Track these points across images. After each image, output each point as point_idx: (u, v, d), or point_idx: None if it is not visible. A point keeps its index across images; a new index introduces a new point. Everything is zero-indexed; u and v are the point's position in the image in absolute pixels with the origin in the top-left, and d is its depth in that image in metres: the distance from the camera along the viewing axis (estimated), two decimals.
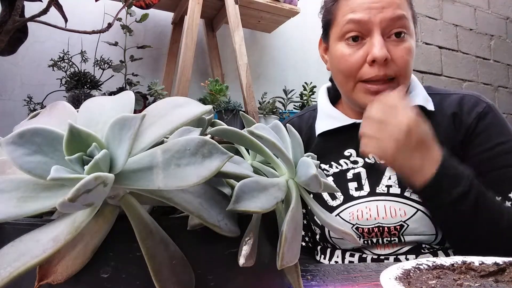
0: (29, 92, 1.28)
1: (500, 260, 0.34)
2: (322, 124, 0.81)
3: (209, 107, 0.29)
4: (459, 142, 0.71)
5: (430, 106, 0.73)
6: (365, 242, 0.71)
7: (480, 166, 0.68)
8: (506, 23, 2.78)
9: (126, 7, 1.17)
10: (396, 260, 0.70)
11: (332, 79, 0.83)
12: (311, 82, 1.66)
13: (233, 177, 0.29)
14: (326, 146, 0.80)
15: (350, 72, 0.71)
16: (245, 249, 0.24)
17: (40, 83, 1.35)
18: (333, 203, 0.75)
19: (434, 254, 0.69)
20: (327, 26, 0.78)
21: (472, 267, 0.33)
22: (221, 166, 0.23)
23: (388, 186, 0.72)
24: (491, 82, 2.63)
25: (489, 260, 0.34)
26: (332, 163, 0.78)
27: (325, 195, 0.76)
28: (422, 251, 0.70)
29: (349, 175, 0.75)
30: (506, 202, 0.65)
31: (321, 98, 0.87)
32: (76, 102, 1.16)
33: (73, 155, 0.22)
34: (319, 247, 0.81)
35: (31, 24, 0.99)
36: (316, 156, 0.33)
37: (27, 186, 0.23)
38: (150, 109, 0.28)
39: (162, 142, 0.26)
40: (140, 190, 0.23)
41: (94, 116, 0.27)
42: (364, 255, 0.72)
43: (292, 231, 0.26)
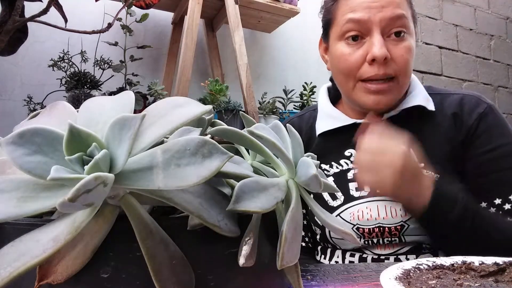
0: (29, 92, 1.28)
1: (500, 260, 0.34)
2: (323, 124, 0.81)
3: (209, 107, 0.29)
4: (459, 142, 0.71)
5: (430, 106, 0.73)
6: (366, 242, 0.71)
7: (481, 167, 0.69)
8: (506, 23, 2.78)
9: (126, 7, 1.17)
10: (397, 260, 0.70)
11: (332, 79, 0.83)
12: (311, 82, 1.65)
13: (233, 177, 0.29)
14: (326, 146, 0.80)
15: (350, 71, 0.71)
16: (245, 249, 0.24)
17: (40, 83, 1.35)
18: (334, 203, 0.74)
19: (434, 254, 0.69)
20: (327, 25, 0.78)
21: (472, 267, 0.33)
22: (221, 166, 0.23)
23: None
24: (491, 82, 2.63)
25: (489, 260, 0.34)
26: (333, 163, 0.78)
27: (326, 195, 0.76)
28: (422, 251, 0.70)
29: (350, 175, 0.75)
30: (506, 204, 0.66)
31: (321, 98, 0.87)
32: (76, 102, 1.16)
33: (73, 155, 0.22)
34: (319, 247, 0.81)
35: (31, 24, 0.99)
36: (316, 156, 0.33)
37: (27, 186, 0.23)
38: (150, 109, 0.28)
39: (162, 142, 0.26)
40: (140, 190, 0.23)
41: (94, 116, 0.27)
42: (364, 255, 0.72)
43: (292, 231, 0.26)
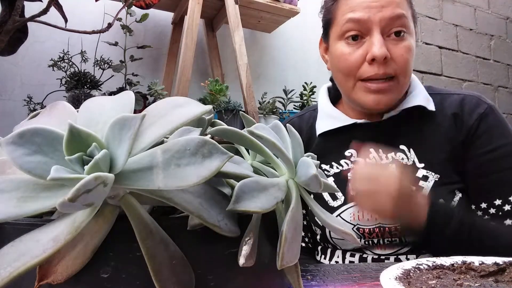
0: (29, 92, 1.28)
1: (500, 260, 0.34)
2: (323, 124, 0.81)
3: (209, 107, 0.29)
4: (460, 142, 0.71)
5: (431, 106, 0.73)
6: (366, 242, 0.71)
7: (481, 168, 0.69)
8: (506, 23, 2.78)
9: (126, 7, 1.17)
10: (397, 260, 0.70)
11: (332, 79, 0.83)
12: (311, 82, 1.65)
13: (233, 177, 0.29)
14: (326, 146, 0.80)
15: (350, 71, 0.71)
16: (245, 249, 0.24)
17: (40, 83, 1.35)
18: (334, 203, 0.74)
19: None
20: (327, 25, 0.78)
21: (472, 267, 0.33)
22: (221, 166, 0.23)
23: None
24: (491, 82, 2.63)
25: (489, 260, 0.34)
26: (333, 163, 0.78)
27: (326, 196, 0.76)
28: (422, 251, 0.70)
29: (350, 175, 0.75)
30: (506, 205, 0.66)
31: (321, 98, 0.86)
32: (76, 102, 1.16)
33: (73, 155, 0.22)
34: (319, 247, 0.81)
35: (31, 24, 0.99)
36: (316, 156, 0.33)
37: (27, 186, 0.23)
38: (150, 109, 0.28)
39: (162, 142, 0.26)
40: (140, 190, 0.23)
41: (94, 116, 0.27)
42: (364, 255, 0.72)
43: (292, 231, 0.26)
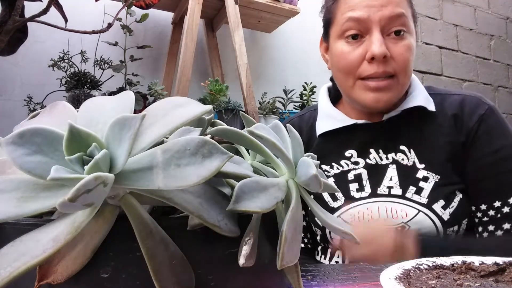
0: (29, 92, 1.28)
1: (500, 260, 0.33)
2: (323, 125, 0.81)
3: (209, 107, 0.29)
4: (460, 143, 0.71)
5: (431, 107, 0.73)
6: None
7: (481, 169, 0.69)
8: (506, 23, 2.78)
9: (126, 7, 1.17)
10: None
11: (332, 78, 0.83)
12: (311, 82, 1.65)
13: (233, 177, 0.29)
14: (326, 147, 0.79)
15: (350, 69, 0.71)
16: (245, 249, 0.24)
17: (40, 83, 1.35)
18: (334, 204, 0.74)
19: None
20: (327, 25, 0.78)
21: (472, 267, 0.33)
22: (221, 166, 0.23)
23: (390, 187, 0.71)
24: (491, 82, 2.63)
25: (489, 260, 0.34)
26: (333, 163, 0.78)
27: (326, 196, 0.76)
28: None
29: (350, 176, 0.75)
30: (505, 207, 0.66)
31: (321, 98, 0.86)
32: (76, 102, 1.16)
33: (73, 155, 0.22)
34: (319, 248, 0.81)
35: (31, 24, 0.99)
36: (316, 156, 0.33)
37: (27, 186, 0.23)
38: (150, 109, 0.28)
39: (162, 142, 0.26)
40: (140, 190, 0.23)
41: (94, 116, 0.27)
42: None
43: (292, 231, 0.26)
